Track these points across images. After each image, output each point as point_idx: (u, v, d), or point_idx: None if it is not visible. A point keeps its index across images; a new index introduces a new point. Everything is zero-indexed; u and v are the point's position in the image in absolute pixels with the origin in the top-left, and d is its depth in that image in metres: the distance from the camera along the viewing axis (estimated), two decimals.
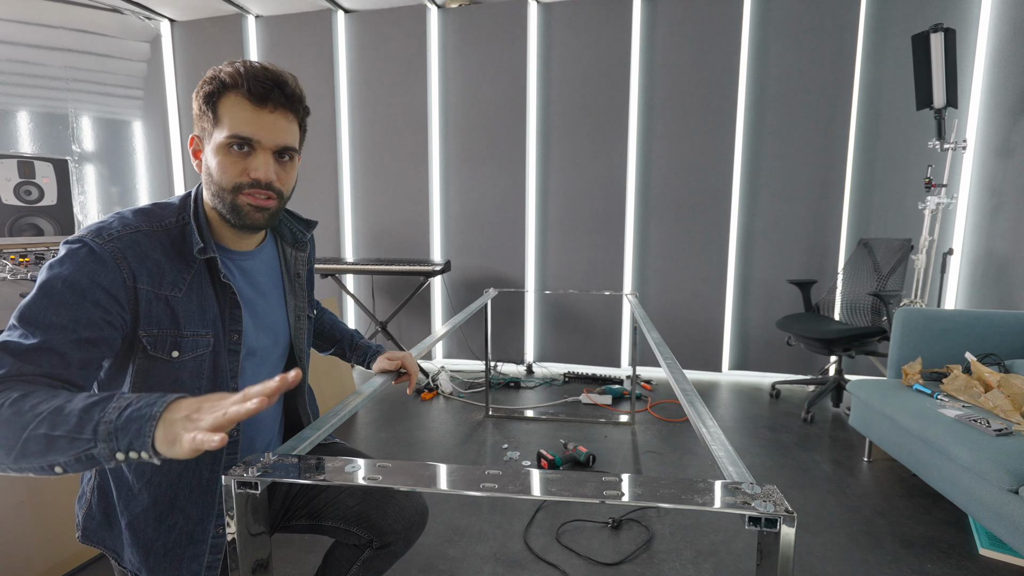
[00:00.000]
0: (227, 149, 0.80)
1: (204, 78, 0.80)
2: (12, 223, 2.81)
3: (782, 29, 3.24)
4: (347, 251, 3.96)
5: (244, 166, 0.80)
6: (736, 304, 3.53)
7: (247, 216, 0.82)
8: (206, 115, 0.80)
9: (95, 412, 0.60)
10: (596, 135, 3.52)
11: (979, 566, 1.62)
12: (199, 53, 3.84)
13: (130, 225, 0.78)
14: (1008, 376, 1.83)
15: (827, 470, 2.22)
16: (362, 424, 2.75)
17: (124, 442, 0.58)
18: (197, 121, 0.82)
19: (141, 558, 0.84)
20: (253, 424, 0.94)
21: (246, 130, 0.79)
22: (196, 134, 0.83)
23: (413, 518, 1.07)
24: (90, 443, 0.59)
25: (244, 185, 0.81)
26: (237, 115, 0.78)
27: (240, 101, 0.78)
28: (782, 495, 0.60)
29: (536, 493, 0.62)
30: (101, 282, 0.72)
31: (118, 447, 0.59)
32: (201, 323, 0.82)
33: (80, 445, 0.59)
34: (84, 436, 0.59)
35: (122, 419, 0.59)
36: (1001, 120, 2.86)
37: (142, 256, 0.77)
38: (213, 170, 0.81)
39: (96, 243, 0.74)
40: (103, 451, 0.59)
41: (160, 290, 0.78)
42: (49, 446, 0.60)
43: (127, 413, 0.59)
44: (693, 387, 1.06)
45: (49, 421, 0.60)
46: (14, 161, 2.81)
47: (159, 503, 0.84)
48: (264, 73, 0.79)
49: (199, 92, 0.80)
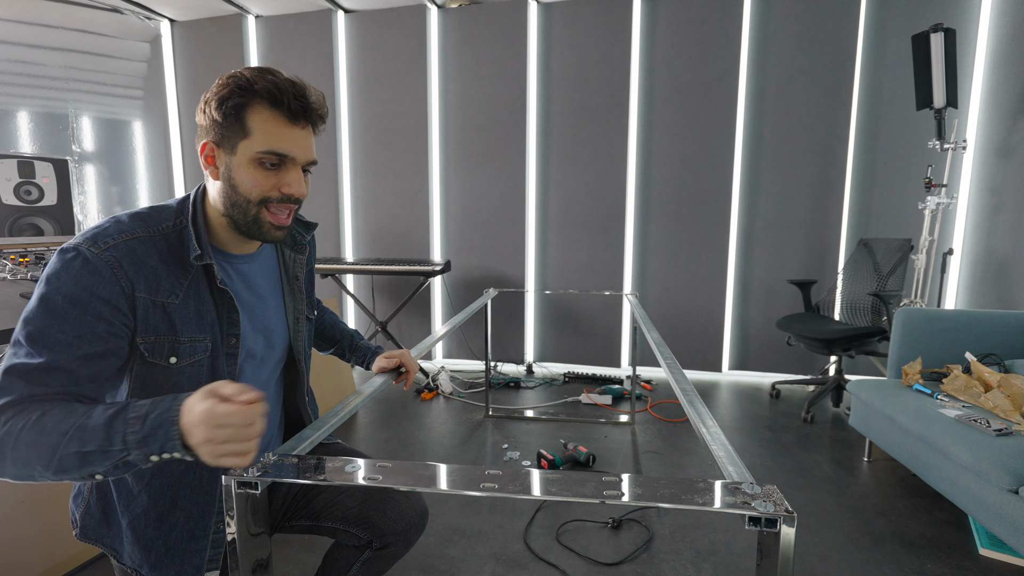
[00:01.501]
0: (258, 164, 0.79)
1: (226, 85, 0.77)
2: (12, 223, 2.81)
3: (782, 29, 3.24)
4: (347, 251, 3.96)
5: (275, 181, 0.81)
6: (736, 304, 3.53)
7: (267, 233, 0.84)
8: (231, 125, 0.78)
9: (118, 425, 0.64)
10: (596, 135, 3.52)
11: (979, 566, 1.62)
12: (199, 53, 3.84)
13: (126, 231, 0.77)
14: (1008, 376, 1.83)
15: (827, 470, 2.22)
16: (362, 424, 2.75)
17: (155, 447, 0.63)
18: (214, 128, 0.79)
19: (142, 555, 0.84)
20: None
21: (282, 147, 0.79)
22: (211, 141, 0.80)
23: (413, 519, 1.07)
24: (123, 452, 0.63)
25: (273, 199, 0.81)
26: (272, 130, 0.78)
27: (275, 116, 0.78)
28: (782, 495, 0.60)
29: (536, 493, 0.62)
30: (100, 293, 0.72)
31: (151, 451, 0.63)
32: (199, 329, 0.81)
33: (114, 456, 0.64)
34: (115, 448, 0.63)
35: (147, 427, 0.63)
36: (1001, 120, 2.86)
37: (138, 264, 0.76)
38: (240, 182, 0.80)
39: (91, 252, 0.73)
40: (138, 457, 0.64)
41: (157, 297, 0.77)
42: (84, 460, 0.64)
43: (150, 421, 0.64)
44: (693, 387, 1.06)
45: (77, 439, 0.63)
46: (14, 161, 2.81)
47: (159, 504, 0.84)
48: (297, 89, 0.79)
49: (221, 101, 0.77)
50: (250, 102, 0.77)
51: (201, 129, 0.81)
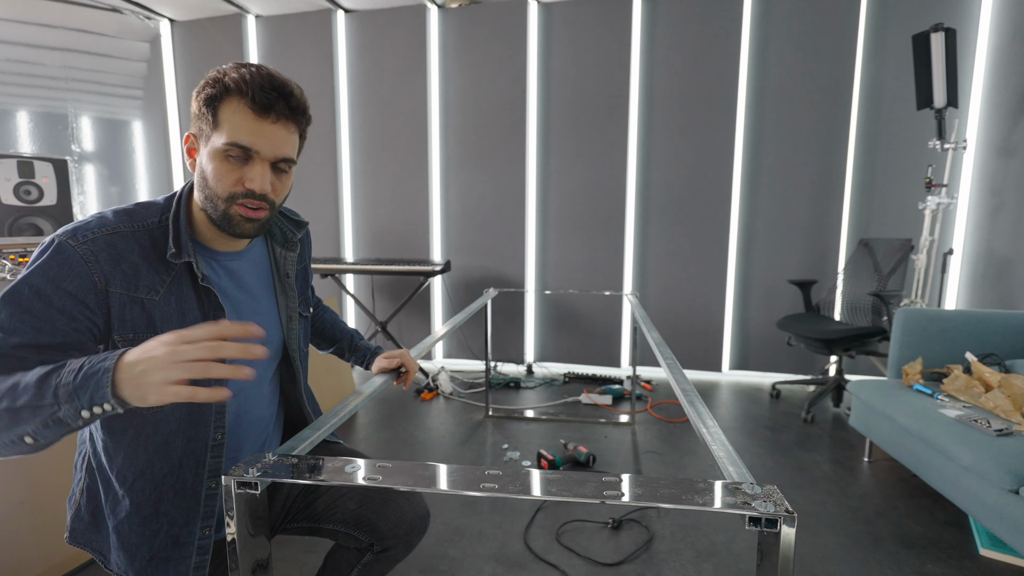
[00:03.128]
0: (224, 156, 0.78)
1: (207, 78, 0.79)
2: (12, 223, 2.80)
3: (782, 29, 3.24)
4: (347, 251, 3.95)
5: (240, 175, 0.79)
6: (736, 304, 3.53)
7: (238, 226, 0.82)
8: (205, 117, 0.79)
9: (51, 379, 0.62)
10: (596, 135, 3.52)
11: (979, 566, 1.61)
12: (199, 53, 3.84)
13: (108, 226, 0.77)
14: (1008, 376, 1.83)
15: (827, 470, 2.22)
16: (362, 424, 2.75)
17: (85, 399, 0.60)
18: (195, 120, 0.80)
19: (128, 562, 0.82)
20: (241, 426, 0.92)
21: (245, 139, 0.77)
22: (193, 132, 0.82)
23: (415, 522, 1.06)
24: (53, 407, 0.61)
25: (238, 195, 0.80)
26: (238, 123, 0.77)
27: (242, 108, 0.77)
28: (782, 495, 0.60)
29: (536, 493, 0.62)
30: (66, 287, 0.72)
31: (81, 405, 0.60)
32: (180, 326, 0.80)
33: (44, 411, 0.61)
34: (46, 402, 0.61)
35: (79, 378, 0.60)
36: (1001, 120, 2.86)
37: (116, 259, 0.76)
38: (208, 175, 0.80)
39: (69, 244, 0.73)
40: (68, 412, 0.61)
41: (136, 293, 0.77)
42: (14, 418, 0.62)
43: (83, 372, 0.61)
44: (693, 387, 1.06)
45: (8, 396, 0.62)
46: (14, 161, 2.81)
47: (142, 509, 0.82)
48: (270, 82, 0.78)
49: (200, 92, 0.79)
50: (223, 94, 0.77)
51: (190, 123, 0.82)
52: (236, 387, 0.90)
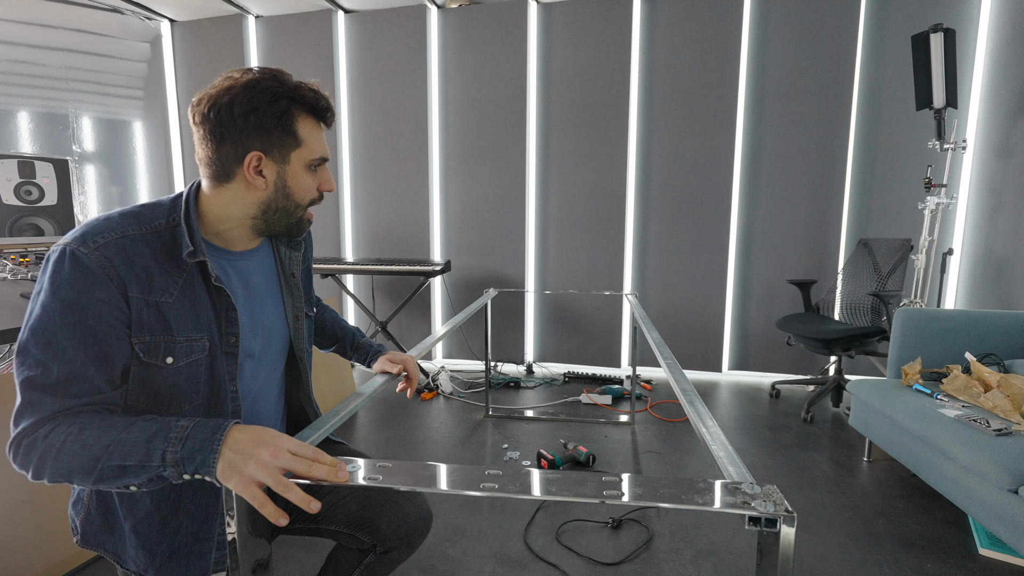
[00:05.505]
0: (309, 169, 0.85)
1: (265, 92, 0.78)
2: (12, 223, 2.81)
3: (782, 29, 3.25)
4: (347, 251, 3.96)
5: (316, 182, 0.87)
6: (736, 304, 3.53)
7: (303, 228, 0.91)
8: (281, 135, 0.80)
9: (158, 442, 0.67)
10: (596, 135, 3.52)
11: (979, 566, 1.62)
12: (199, 53, 3.84)
13: (116, 229, 0.76)
14: (1008, 376, 1.83)
15: (827, 470, 2.23)
16: (362, 424, 2.75)
17: (190, 468, 0.66)
18: (259, 136, 0.79)
19: (147, 559, 0.83)
20: (250, 423, 0.93)
21: (326, 152, 0.87)
22: (259, 151, 0.80)
23: (417, 523, 1.06)
24: (159, 468, 0.66)
25: (316, 200, 0.89)
26: (317, 137, 0.85)
27: (311, 122, 0.84)
28: (782, 495, 0.60)
29: (536, 493, 0.62)
30: (97, 295, 0.71)
31: (184, 471, 0.66)
32: (195, 327, 0.80)
33: (151, 471, 0.66)
34: (153, 464, 0.66)
35: (186, 448, 0.66)
36: (1001, 120, 2.86)
37: (130, 262, 0.75)
38: (292, 188, 0.84)
39: (81, 252, 0.71)
40: (172, 474, 0.66)
41: (150, 297, 0.76)
42: (123, 472, 0.67)
43: (189, 442, 0.66)
44: (693, 387, 1.06)
45: (119, 452, 0.66)
46: (14, 161, 2.81)
47: (162, 507, 0.83)
48: (322, 95, 0.85)
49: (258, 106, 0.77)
50: (297, 110, 0.82)
51: (232, 136, 0.78)
52: (249, 386, 0.92)
